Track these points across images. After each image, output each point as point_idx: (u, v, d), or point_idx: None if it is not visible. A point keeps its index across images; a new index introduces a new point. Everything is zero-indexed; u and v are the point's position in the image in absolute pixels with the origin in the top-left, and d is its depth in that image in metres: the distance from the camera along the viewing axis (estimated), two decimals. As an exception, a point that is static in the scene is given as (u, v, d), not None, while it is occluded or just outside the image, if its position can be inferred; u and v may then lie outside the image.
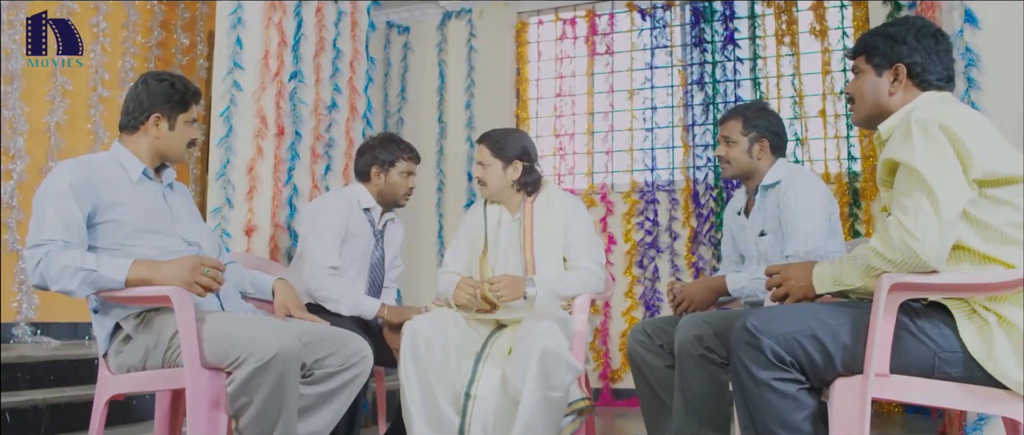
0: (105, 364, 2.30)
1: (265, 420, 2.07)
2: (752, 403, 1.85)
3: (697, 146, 5.07)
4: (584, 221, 2.94)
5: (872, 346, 1.75)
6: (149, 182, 2.36)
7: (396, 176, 3.14)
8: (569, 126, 5.44)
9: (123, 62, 5.11)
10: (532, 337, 2.49)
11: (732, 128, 2.76)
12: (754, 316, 1.87)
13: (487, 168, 2.91)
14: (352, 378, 2.36)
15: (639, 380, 2.72)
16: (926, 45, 1.94)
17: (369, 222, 3.15)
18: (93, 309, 2.27)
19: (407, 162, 3.16)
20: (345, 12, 4.11)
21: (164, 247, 2.28)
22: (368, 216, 3.15)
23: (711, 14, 5.14)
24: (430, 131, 5.64)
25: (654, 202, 5.09)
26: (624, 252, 5.10)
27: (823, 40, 4.84)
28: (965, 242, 1.77)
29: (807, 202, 2.59)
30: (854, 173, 4.67)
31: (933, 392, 1.80)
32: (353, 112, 4.12)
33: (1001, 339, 1.72)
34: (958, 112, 1.82)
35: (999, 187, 1.76)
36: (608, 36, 5.41)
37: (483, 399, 2.50)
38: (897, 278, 1.73)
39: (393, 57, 5.82)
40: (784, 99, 4.90)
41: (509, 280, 2.73)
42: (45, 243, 2.10)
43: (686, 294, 2.76)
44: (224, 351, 2.08)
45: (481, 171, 2.93)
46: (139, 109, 2.34)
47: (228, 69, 3.62)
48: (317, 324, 2.45)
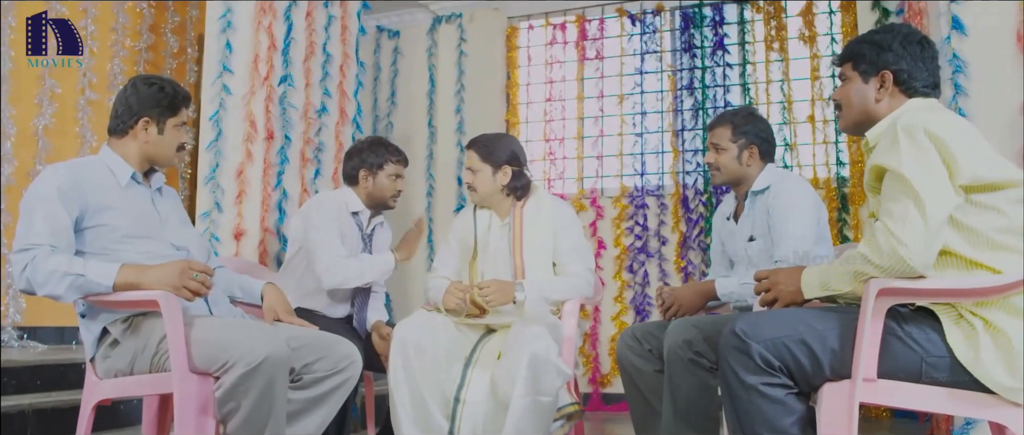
0: (92, 369, 2.29)
1: (253, 425, 2.06)
2: (741, 408, 1.85)
3: (686, 151, 5.08)
4: (574, 226, 2.95)
5: (860, 351, 1.75)
6: (138, 186, 2.35)
7: (384, 179, 3.14)
8: (559, 131, 5.45)
9: (112, 65, 5.09)
10: (521, 342, 2.49)
11: (721, 135, 2.76)
12: (743, 321, 1.88)
13: (477, 173, 2.92)
14: (341, 383, 2.35)
15: (628, 385, 2.72)
16: (912, 52, 1.95)
17: (358, 226, 3.15)
18: (80, 313, 2.26)
19: (395, 165, 3.16)
20: (335, 16, 4.11)
21: (152, 252, 2.27)
22: (356, 220, 3.15)
23: (701, 20, 5.16)
24: (420, 136, 5.64)
25: (643, 207, 5.10)
26: (614, 257, 5.10)
27: (812, 46, 4.86)
28: (952, 247, 1.78)
29: (796, 207, 2.60)
30: (842, 178, 4.69)
31: (920, 397, 1.80)
32: (343, 116, 4.11)
33: (987, 344, 1.73)
34: (944, 118, 1.83)
35: (985, 193, 1.77)
36: (598, 41, 5.42)
37: (472, 404, 2.50)
38: (885, 283, 1.74)
39: (383, 61, 5.82)
40: (773, 104, 4.92)
41: (498, 285, 2.73)
42: (32, 247, 2.09)
43: (675, 298, 2.76)
44: (212, 356, 2.08)
45: (471, 176, 2.93)
46: (128, 113, 2.33)
47: (218, 73, 3.62)
48: (306, 329, 2.44)
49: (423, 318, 2.73)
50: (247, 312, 2.57)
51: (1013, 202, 1.78)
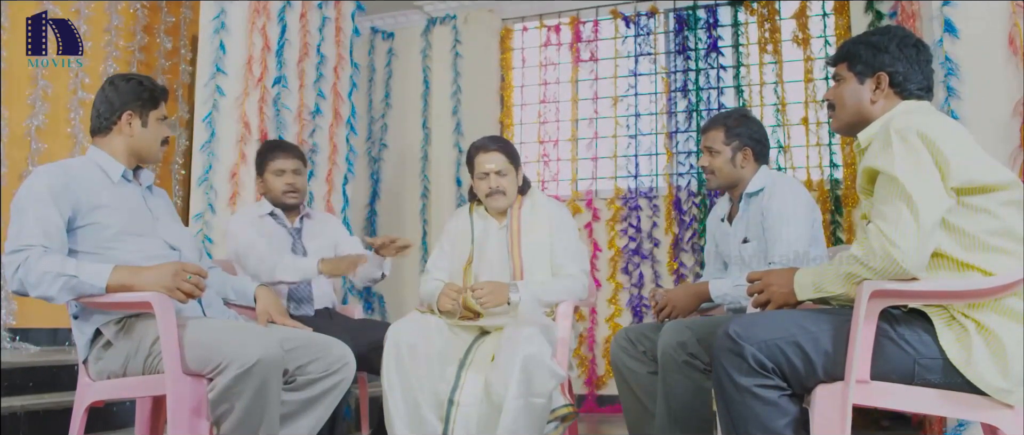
0: (85, 370, 2.28)
1: (247, 427, 2.05)
2: (734, 409, 1.86)
3: (680, 153, 5.09)
4: (569, 227, 2.95)
5: (853, 353, 1.76)
6: (128, 184, 2.35)
7: (271, 178, 3.19)
8: (553, 133, 5.45)
9: (105, 66, 5.07)
10: (515, 343, 2.49)
11: (714, 138, 2.76)
12: (736, 323, 1.88)
13: (506, 176, 2.89)
14: (334, 384, 2.35)
15: (622, 386, 2.73)
16: (908, 54, 1.96)
17: (281, 225, 3.21)
18: (73, 315, 2.25)
19: (281, 160, 3.19)
20: (329, 17, 4.10)
21: (146, 250, 2.26)
22: (276, 220, 3.21)
23: (695, 22, 5.17)
24: (414, 137, 5.63)
25: (637, 209, 5.11)
26: (608, 259, 5.11)
27: (806, 48, 4.87)
28: (944, 250, 1.79)
29: (790, 209, 2.60)
30: (836, 180, 4.70)
31: (913, 398, 1.81)
32: (337, 118, 4.11)
33: (979, 345, 1.73)
34: (936, 121, 1.84)
35: (977, 195, 1.78)
36: (592, 43, 5.43)
37: (466, 406, 2.50)
38: (877, 285, 1.75)
39: (377, 63, 5.82)
40: (767, 106, 4.93)
41: (492, 286, 2.73)
42: (24, 248, 2.08)
43: (669, 300, 2.76)
44: (206, 357, 2.07)
45: (499, 180, 2.88)
46: (110, 110, 2.33)
47: (211, 74, 3.61)
48: (299, 330, 2.44)
49: (417, 320, 2.73)
50: (240, 314, 2.56)
51: (1005, 204, 1.79)
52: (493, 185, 2.89)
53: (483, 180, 2.90)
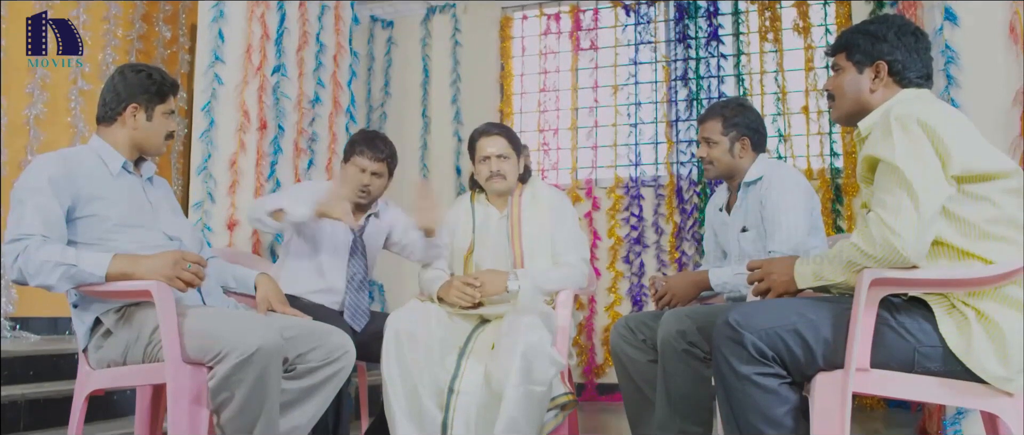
0: (85, 359, 2.28)
1: (247, 415, 2.06)
2: (734, 397, 1.86)
3: (681, 142, 5.08)
4: (569, 216, 2.95)
5: (853, 341, 1.76)
6: (128, 175, 2.34)
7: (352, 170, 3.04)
8: (553, 121, 5.44)
9: (104, 55, 5.06)
10: (515, 332, 2.49)
11: (712, 128, 2.75)
12: (736, 311, 1.88)
13: (507, 160, 2.89)
14: (334, 373, 2.35)
15: (622, 375, 2.73)
16: (907, 43, 1.95)
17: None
18: (73, 304, 2.25)
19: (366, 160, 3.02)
20: (329, 6, 4.09)
21: (145, 241, 2.26)
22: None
23: (695, 10, 5.15)
24: (414, 126, 5.63)
25: (639, 198, 5.10)
26: (608, 247, 5.11)
27: (806, 37, 4.87)
28: (944, 238, 1.79)
29: (789, 198, 2.59)
30: (836, 169, 4.70)
31: (913, 386, 1.81)
32: (336, 106, 4.10)
33: (979, 334, 1.73)
34: (937, 109, 1.83)
35: (977, 183, 1.78)
36: (592, 32, 5.41)
37: (466, 394, 2.50)
38: (878, 273, 1.75)
39: (377, 51, 5.81)
40: (767, 95, 4.92)
41: (491, 275, 2.73)
42: (24, 238, 2.08)
43: (668, 288, 2.76)
44: (205, 346, 2.07)
45: (500, 164, 2.88)
46: (116, 100, 2.32)
47: (210, 63, 3.60)
48: (299, 319, 2.44)
49: (416, 308, 2.73)
50: (240, 302, 2.56)
51: (1005, 192, 1.79)
52: (494, 168, 2.88)
53: (484, 163, 2.90)
